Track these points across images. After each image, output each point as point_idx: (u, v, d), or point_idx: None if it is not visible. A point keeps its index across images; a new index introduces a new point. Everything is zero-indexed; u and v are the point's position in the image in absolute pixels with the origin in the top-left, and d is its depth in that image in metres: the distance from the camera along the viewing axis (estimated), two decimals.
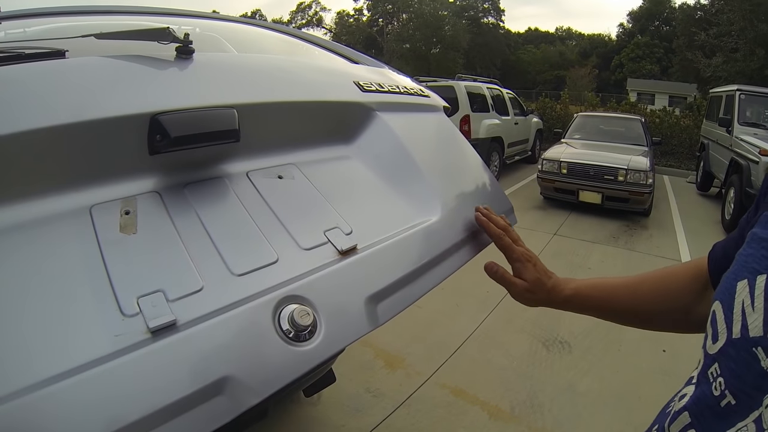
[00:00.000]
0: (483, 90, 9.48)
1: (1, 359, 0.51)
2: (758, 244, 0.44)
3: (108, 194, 0.74)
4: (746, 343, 0.40)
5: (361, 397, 2.81)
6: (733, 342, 0.42)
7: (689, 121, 13.90)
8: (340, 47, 1.74)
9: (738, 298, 0.42)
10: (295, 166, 0.97)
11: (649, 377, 3.01)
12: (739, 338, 0.41)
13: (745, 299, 0.41)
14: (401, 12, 45.93)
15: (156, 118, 0.74)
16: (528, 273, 0.91)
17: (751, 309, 0.40)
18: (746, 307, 0.41)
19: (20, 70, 0.72)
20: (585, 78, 40.13)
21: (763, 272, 0.41)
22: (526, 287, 0.90)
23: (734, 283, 0.44)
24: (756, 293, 0.40)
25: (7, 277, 0.58)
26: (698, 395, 0.46)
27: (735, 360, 0.41)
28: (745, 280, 0.42)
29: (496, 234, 0.95)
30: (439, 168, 1.13)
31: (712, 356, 0.44)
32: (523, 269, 0.91)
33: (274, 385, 0.62)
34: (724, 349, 0.43)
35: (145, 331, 0.59)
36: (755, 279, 0.41)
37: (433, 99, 1.42)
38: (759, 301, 0.40)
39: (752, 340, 0.40)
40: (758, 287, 0.40)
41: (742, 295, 0.42)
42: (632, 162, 6.79)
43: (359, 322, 0.74)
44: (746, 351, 0.40)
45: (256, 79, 0.98)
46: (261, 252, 0.76)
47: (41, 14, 1.53)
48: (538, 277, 0.90)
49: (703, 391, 0.45)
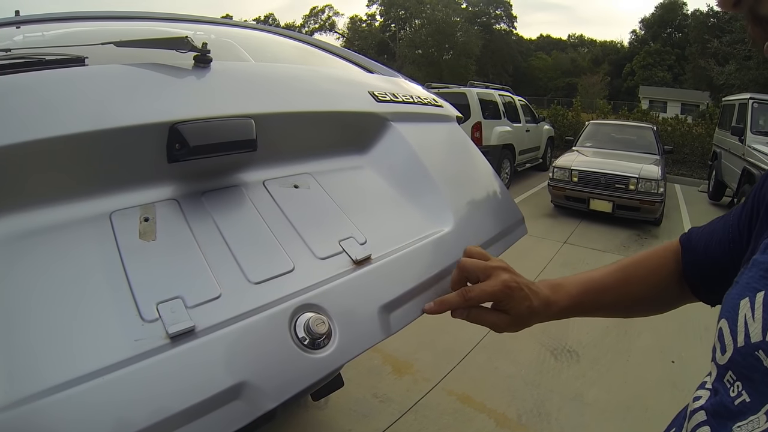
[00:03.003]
0: (495, 97, 9.47)
1: (25, 361, 0.53)
2: (758, 268, 0.49)
3: (127, 201, 0.75)
4: (749, 348, 0.45)
5: (368, 402, 2.81)
6: (738, 350, 0.46)
7: (701, 130, 13.79)
8: (354, 56, 1.75)
9: (741, 313, 0.47)
10: (310, 176, 0.98)
11: (657, 388, 2.99)
12: (743, 346, 0.46)
13: (747, 313, 0.46)
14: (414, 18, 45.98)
15: (175, 127, 0.76)
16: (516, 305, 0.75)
17: (752, 320, 0.45)
18: (748, 319, 0.46)
19: (42, 77, 0.74)
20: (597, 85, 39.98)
21: (762, 289, 0.46)
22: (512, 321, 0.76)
23: (738, 301, 0.48)
24: (756, 306, 0.45)
25: (30, 281, 0.59)
26: (717, 402, 0.49)
27: (743, 365, 0.46)
28: (747, 298, 0.47)
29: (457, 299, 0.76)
30: (452, 179, 1.14)
31: (724, 366, 0.49)
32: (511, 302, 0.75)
33: (290, 391, 0.63)
34: (733, 357, 0.47)
35: (164, 336, 0.60)
36: (755, 295, 0.46)
37: (447, 109, 1.43)
38: (758, 313, 0.45)
39: (754, 345, 0.44)
40: (757, 301, 0.45)
41: (744, 310, 0.47)
42: (643, 171, 6.75)
43: (372, 331, 0.75)
44: (751, 355, 0.44)
45: (273, 88, 1.00)
46: (277, 261, 0.77)
47: (60, 19, 1.56)
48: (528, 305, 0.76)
49: (722, 398, 0.48)
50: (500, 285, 0.74)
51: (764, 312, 0.44)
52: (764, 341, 0.43)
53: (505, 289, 0.74)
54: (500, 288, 0.74)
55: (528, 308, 0.75)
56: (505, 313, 0.76)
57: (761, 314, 0.44)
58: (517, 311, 0.75)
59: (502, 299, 0.75)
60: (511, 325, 0.77)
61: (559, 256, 5.60)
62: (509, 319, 0.76)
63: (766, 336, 0.43)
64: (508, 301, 0.74)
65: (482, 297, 0.75)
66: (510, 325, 0.77)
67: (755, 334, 0.44)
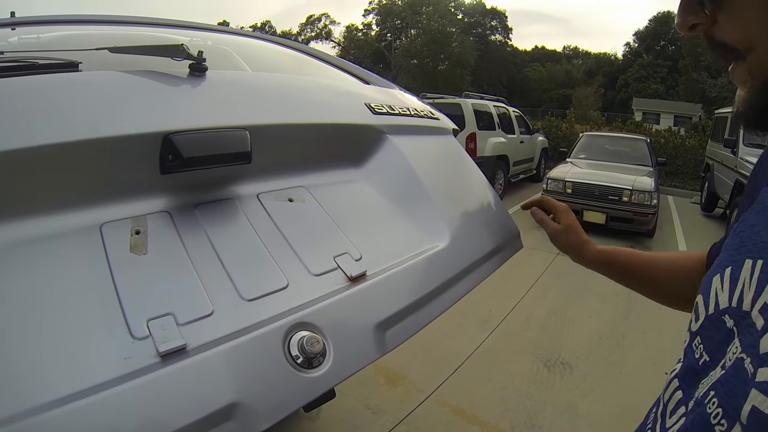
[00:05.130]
0: (489, 108, 9.49)
1: (7, 380, 0.51)
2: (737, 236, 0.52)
3: (119, 213, 0.74)
4: (718, 314, 0.49)
5: (360, 413, 2.79)
6: (708, 317, 0.50)
7: (694, 142, 13.87)
8: (351, 66, 1.75)
9: (713, 287, 0.51)
10: (305, 189, 0.97)
11: (650, 400, 2.91)
12: (712, 313, 0.50)
13: (717, 287, 0.50)
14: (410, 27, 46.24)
15: (169, 137, 0.75)
16: (568, 219, 1.08)
17: (721, 291, 0.49)
18: (718, 291, 0.50)
19: (34, 82, 0.72)
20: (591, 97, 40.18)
21: (729, 265, 0.49)
22: (562, 230, 1.07)
23: (711, 278, 0.52)
24: (724, 279, 0.49)
25: (15, 294, 0.58)
26: (685, 366, 0.53)
27: (710, 329, 0.50)
28: (718, 275, 0.51)
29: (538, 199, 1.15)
30: (448, 193, 1.14)
31: (695, 332, 0.53)
32: (565, 217, 1.09)
33: (283, 411, 0.62)
34: (704, 323, 0.51)
35: (154, 354, 0.59)
36: (724, 271, 0.50)
37: (443, 121, 1.43)
38: (726, 284, 0.48)
39: (721, 311, 0.48)
40: (725, 276, 0.49)
41: (715, 284, 0.50)
42: (637, 182, 6.78)
43: (368, 349, 0.74)
44: (718, 319, 0.48)
45: (268, 99, 0.99)
46: (271, 277, 0.76)
47: (56, 22, 1.55)
48: (574, 225, 1.08)
49: (689, 361, 0.52)
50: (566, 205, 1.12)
51: (731, 283, 0.47)
52: (730, 306, 0.47)
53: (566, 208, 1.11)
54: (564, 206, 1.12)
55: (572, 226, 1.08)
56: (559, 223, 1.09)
57: (728, 285, 0.48)
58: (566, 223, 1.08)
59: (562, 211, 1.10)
60: (559, 232, 1.08)
61: (553, 267, 5.59)
62: (560, 227, 1.08)
63: (732, 302, 0.47)
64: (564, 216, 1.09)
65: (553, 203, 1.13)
66: (558, 231, 1.08)
67: (723, 302, 0.48)
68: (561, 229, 1.08)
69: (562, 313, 4.31)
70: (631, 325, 4.09)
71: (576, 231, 1.07)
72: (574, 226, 1.07)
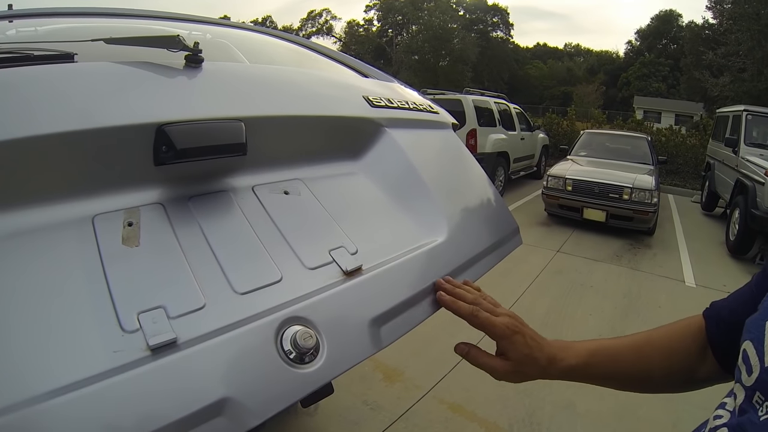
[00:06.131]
0: (490, 104, 9.48)
1: None
2: None
3: (111, 204, 0.73)
4: None
5: (358, 409, 2.79)
6: (766, 370, 0.46)
7: (695, 141, 13.87)
8: (350, 59, 1.74)
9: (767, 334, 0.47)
10: (301, 182, 0.96)
11: (648, 398, 2.97)
12: None
13: None
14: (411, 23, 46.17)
15: (162, 128, 0.74)
16: (517, 350, 0.76)
17: None
18: None
19: (28, 73, 0.71)
20: (592, 95, 40.23)
21: None
22: (513, 368, 0.77)
23: (763, 323, 0.49)
24: None
25: (3, 286, 0.56)
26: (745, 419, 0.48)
27: None
28: None
29: (467, 312, 0.80)
30: (447, 187, 1.12)
31: (752, 387, 0.48)
32: (511, 346, 0.77)
33: (275, 407, 0.60)
34: (760, 377, 0.47)
35: (144, 348, 0.58)
36: None
37: (442, 115, 1.42)
38: None
39: None
40: None
41: None
42: (637, 181, 6.77)
43: (362, 345, 0.73)
44: None
45: (264, 91, 0.98)
46: (265, 270, 0.75)
47: (53, 14, 1.54)
48: (528, 354, 0.76)
49: (749, 416, 0.48)
50: (507, 321, 0.78)
51: None
52: None
53: (507, 329, 0.77)
54: (505, 325, 0.77)
55: (528, 357, 0.76)
56: (506, 359, 0.78)
57: None
58: (517, 357, 0.76)
59: (504, 338, 0.77)
60: (510, 373, 0.77)
61: (552, 265, 5.59)
62: (509, 365, 0.77)
63: None
64: (508, 344, 0.77)
65: (486, 323, 0.78)
66: (510, 372, 0.77)
67: None
68: (512, 367, 0.77)
69: (562, 310, 4.30)
70: (630, 322, 4.08)
71: (532, 359, 0.77)
72: (527, 353, 0.77)
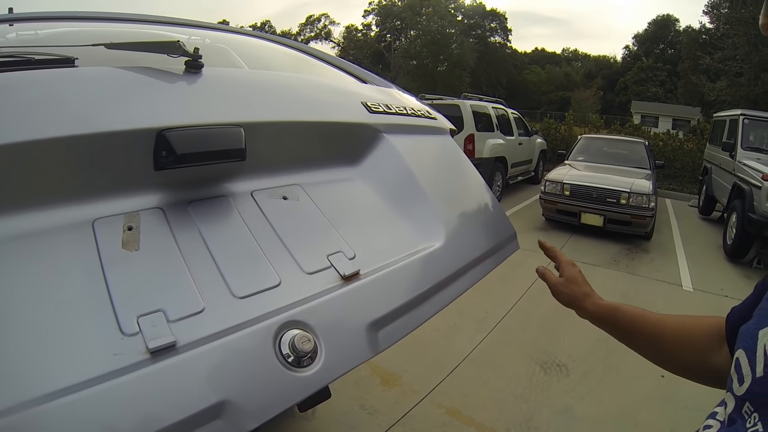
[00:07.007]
0: (488, 109, 9.48)
1: None
2: None
3: (111, 208, 0.73)
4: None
5: (356, 413, 2.78)
6: (757, 381, 0.46)
7: (692, 145, 13.88)
8: (348, 65, 1.74)
9: (760, 343, 0.47)
10: (300, 187, 0.97)
11: (646, 402, 2.98)
12: (762, 376, 0.45)
13: (766, 343, 0.46)
14: (409, 28, 46.23)
15: (163, 133, 0.74)
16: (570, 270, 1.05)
17: None
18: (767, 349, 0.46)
19: (29, 77, 0.71)
20: (590, 99, 40.27)
21: None
22: (564, 281, 1.03)
23: (756, 331, 0.48)
24: None
25: (4, 289, 0.57)
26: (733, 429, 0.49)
27: (761, 395, 0.46)
28: (766, 328, 0.47)
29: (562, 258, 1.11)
30: (445, 193, 1.13)
31: (742, 397, 0.48)
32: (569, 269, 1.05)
33: (273, 411, 0.61)
34: (751, 388, 0.47)
35: (144, 351, 0.58)
36: None
37: (440, 121, 1.42)
38: None
39: None
40: None
41: (763, 340, 0.46)
42: (635, 185, 6.77)
43: (360, 349, 0.74)
44: None
45: (264, 97, 0.98)
46: (263, 275, 0.75)
47: (54, 18, 1.54)
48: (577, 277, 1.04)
49: (737, 426, 0.48)
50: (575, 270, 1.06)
51: None
52: None
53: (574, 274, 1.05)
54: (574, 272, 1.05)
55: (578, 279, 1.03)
56: None
57: None
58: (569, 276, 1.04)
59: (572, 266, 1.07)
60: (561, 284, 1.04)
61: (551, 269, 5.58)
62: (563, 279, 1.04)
63: None
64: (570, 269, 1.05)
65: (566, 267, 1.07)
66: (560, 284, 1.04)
67: None
68: (562, 281, 1.04)
69: (560, 315, 4.28)
70: None
71: (577, 283, 1.03)
72: (576, 278, 1.04)
